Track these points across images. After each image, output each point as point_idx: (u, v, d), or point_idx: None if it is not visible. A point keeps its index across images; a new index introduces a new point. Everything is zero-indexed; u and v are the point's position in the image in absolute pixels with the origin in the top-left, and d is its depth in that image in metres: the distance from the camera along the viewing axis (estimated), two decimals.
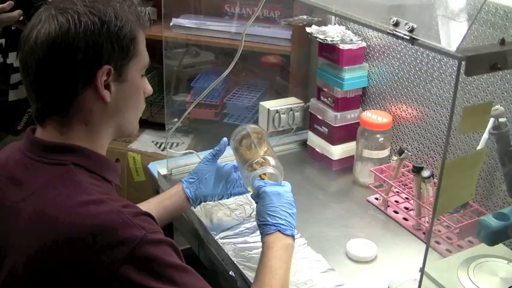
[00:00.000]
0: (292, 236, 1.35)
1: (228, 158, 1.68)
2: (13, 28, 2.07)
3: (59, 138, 1.14)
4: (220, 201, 1.68)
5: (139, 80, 1.21)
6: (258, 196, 1.40)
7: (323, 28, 1.97)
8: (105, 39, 1.10)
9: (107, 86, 1.13)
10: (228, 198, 1.64)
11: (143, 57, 1.20)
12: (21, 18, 1.89)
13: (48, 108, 1.13)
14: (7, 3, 1.86)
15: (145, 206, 1.48)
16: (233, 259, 1.49)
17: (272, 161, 1.46)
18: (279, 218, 1.35)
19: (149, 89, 1.26)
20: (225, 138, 1.61)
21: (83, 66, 1.10)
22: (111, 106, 1.16)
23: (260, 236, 1.37)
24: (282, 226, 1.34)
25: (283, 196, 1.39)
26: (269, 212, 1.35)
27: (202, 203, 1.64)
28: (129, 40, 1.14)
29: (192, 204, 1.58)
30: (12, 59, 2.13)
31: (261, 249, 1.32)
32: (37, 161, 1.13)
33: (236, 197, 1.69)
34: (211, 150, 1.60)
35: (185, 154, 1.97)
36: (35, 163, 1.13)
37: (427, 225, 1.59)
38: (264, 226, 1.35)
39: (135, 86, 1.20)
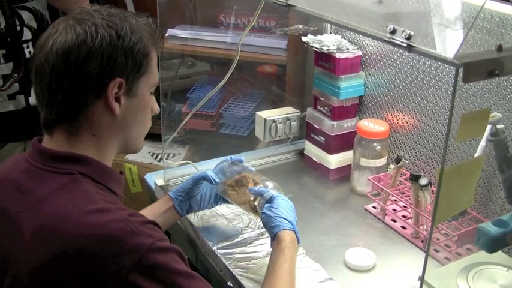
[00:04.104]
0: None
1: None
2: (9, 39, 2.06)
3: (66, 147, 1.15)
4: (217, 211, 1.69)
5: (148, 97, 1.22)
6: (272, 200, 1.44)
7: (319, 37, 1.97)
8: (119, 53, 1.12)
9: (117, 99, 1.15)
10: (220, 205, 1.65)
11: (154, 75, 1.21)
12: None
13: (58, 116, 1.13)
14: None
15: None
16: (231, 269, 1.48)
17: (270, 183, 1.51)
18: (290, 218, 1.40)
19: (157, 107, 1.27)
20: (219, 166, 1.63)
21: (96, 76, 1.11)
22: (119, 119, 1.17)
23: (256, 241, 1.36)
24: (291, 226, 1.38)
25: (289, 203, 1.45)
26: (286, 212, 1.40)
27: (200, 213, 1.65)
28: (143, 56, 1.16)
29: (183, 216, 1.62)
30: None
31: (259, 259, 1.31)
32: (43, 170, 1.13)
33: (234, 207, 1.68)
34: (201, 172, 1.60)
35: (182, 165, 1.97)
36: (41, 172, 1.13)
37: (425, 233, 1.59)
38: (281, 221, 1.37)
39: (144, 102, 1.21)
